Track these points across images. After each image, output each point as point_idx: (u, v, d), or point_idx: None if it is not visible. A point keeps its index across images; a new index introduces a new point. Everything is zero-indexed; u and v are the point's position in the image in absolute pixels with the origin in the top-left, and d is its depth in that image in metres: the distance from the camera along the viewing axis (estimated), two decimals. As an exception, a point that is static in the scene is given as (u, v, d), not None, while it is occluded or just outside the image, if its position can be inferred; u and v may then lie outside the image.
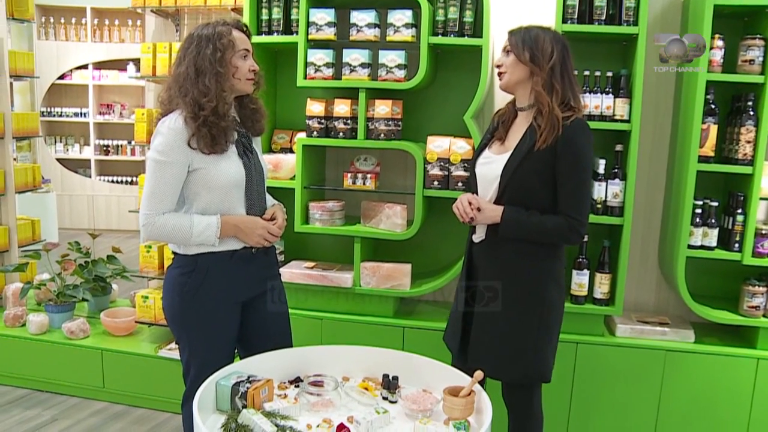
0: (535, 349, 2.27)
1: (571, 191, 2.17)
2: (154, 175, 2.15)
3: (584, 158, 2.17)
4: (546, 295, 2.27)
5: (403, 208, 3.12)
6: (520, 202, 2.20)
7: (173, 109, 2.18)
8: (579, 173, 2.17)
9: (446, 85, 3.34)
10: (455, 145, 3.02)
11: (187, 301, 2.25)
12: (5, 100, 4.00)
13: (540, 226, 2.19)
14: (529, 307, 2.26)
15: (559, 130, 2.12)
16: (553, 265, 2.29)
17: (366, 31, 3.02)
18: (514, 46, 2.21)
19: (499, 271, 2.30)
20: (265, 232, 2.27)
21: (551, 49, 2.17)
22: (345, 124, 3.09)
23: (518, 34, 2.23)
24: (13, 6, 4.14)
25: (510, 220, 2.20)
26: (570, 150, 2.13)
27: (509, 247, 2.25)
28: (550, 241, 2.25)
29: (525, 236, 2.21)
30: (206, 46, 2.15)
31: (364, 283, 3.19)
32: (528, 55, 2.18)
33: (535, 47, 2.17)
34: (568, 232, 2.19)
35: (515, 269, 2.27)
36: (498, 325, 2.29)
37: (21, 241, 4.18)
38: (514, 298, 2.26)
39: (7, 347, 3.70)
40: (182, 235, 2.18)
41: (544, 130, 2.13)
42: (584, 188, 2.20)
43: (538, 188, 2.19)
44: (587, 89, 2.90)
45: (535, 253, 2.25)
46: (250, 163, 2.28)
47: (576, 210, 2.18)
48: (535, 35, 2.19)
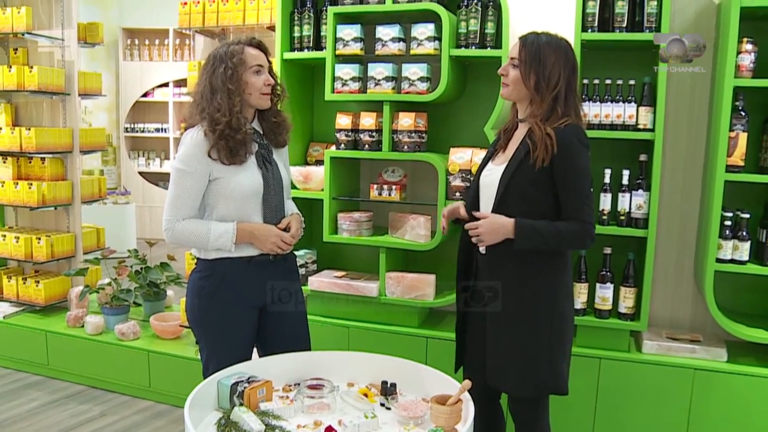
0: (549, 360, 2.22)
1: (573, 195, 2.13)
2: (177, 183, 2.29)
3: (581, 161, 2.12)
4: (556, 304, 2.22)
5: (427, 219, 3.14)
6: (520, 212, 2.16)
7: (195, 123, 2.32)
8: (578, 177, 2.12)
9: (475, 96, 3.34)
10: (477, 156, 3.02)
11: (205, 304, 2.36)
12: (75, 117, 4.31)
13: (555, 232, 2.12)
14: (540, 316, 2.21)
15: (554, 147, 2.08)
16: (561, 273, 2.25)
17: (391, 45, 3.08)
18: (522, 64, 2.15)
19: (504, 282, 2.25)
20: (278, 240, 2.35)
21: (558, 77, 2.12)
22: (370, 136, 3.16)
23: (529, 48, 2.15)
24: (86, 31, 4.47)
25: (524, 231, 2.13)
26: (564, 155, 2.09)
27: (517, 258, 2.20)
28: (566, 247, 2.20)
29: (542, 245, 2.14)
30: (219, 65, 2.27)
31: (389, 293, 3.23)
32: (533, 82, 2.13)
33: (541, 74, 2.11)
34: (583, 236, 2.14)
35: (524, 279, 2.22)
36: (508, 337, 2.24)
37: (86, 248, 4.46)
38: (525, 308, 2.21)
39: (68, 346, 3.96)
40: (200, 240, 2.29)
41: (539, 151, 2.09)
42: (585, 191, 2.15)
43: (537, 196, 2.15)
44: (609, 98, 2.84)
45: (542, 263, 2.20)
46: (269, 174, 2.37)
47: (583, 213, 2.13)
48: (545, 58, 2.12)
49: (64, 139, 4.25)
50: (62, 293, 4.34)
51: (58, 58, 4.28)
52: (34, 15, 4.18)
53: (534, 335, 2.21)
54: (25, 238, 4.18)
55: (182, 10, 3.76)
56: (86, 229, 4.51)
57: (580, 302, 2.96)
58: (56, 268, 4.45)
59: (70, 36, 4.22)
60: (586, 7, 2.81)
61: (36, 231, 4.41)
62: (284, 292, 2.49)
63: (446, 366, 2.29)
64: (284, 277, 2.48)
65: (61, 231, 4.41)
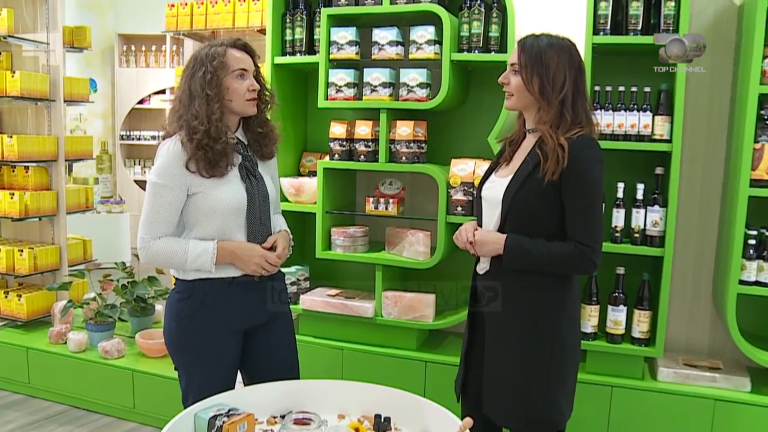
0: (545, 392, 2.04)
1: (578, 214, 1.95)
2: (152, 199, 2.13)
3: (592, 177, 1.95)
4: (557, 330, 2.04)
5: (426, 234, 2.96)
6: (525, 229, 2.00)
7: (174, 132, 2.16)
8: (587, 194, 1.95)
9: (478, 104, 3.18)
10: (480, 168, 2.85)
11: (183, 327, 2.20)
12: (60, 124, 4.15)
13: (547, 254, 1.97)
14: (538, 344, 2.04)
15: (565, 160, 1.91)
16: (564, 297, 2.06)
17: (388, 49, 2.91)
18: (523, 69, 2.00)
19: (504, 305, 2.09)
20: (262, 261, 2.18)
21: (563, 78, 1.96)
22: (366, 146, 2.99)
23: (529, 51, 2.00)
24: (73, 35, 4.31)
25: (513, 249, 2.00)
26: (575, 168, 1.92)
27: (515, 279, 2.05)
28: (560, 271, 2.02)
29: (531, 266, 2.00)
30: (199, 69, 2.12)
31: (386, 314, 3.06)
32: (537, 86, 1.97)
33: (545, 77, 1.96)
34: (579, 260, 1.96)
35: (522, 303, 2.06)
36: (504, 366, 2.09)
37: (72, 261, 4.29)
38: (522, 334, 2.05)
39: (50, 363, 3.78)
40: (178, 260, 2.13)
41: (550, 163, 1.92)
42: (593, 210, 1.97)
43: (542, 213, 1.99)
44: (622, 106, 2.66)
45: (543, 285, 2.03)
46: (253, 188, 2.20)
47: (586, 235, 1.95)
48: (548, 59, 1.96)
49: (49, 147, 4.08)
50: (46, 308, 4.16)
51: (43, 63, 4.11)
52: (17, 18, 4.02)
53: (530, 364, 2.04)
54: (6, 250, 4.01)
55: (169, 13, 3.60)
56: (72, 241, 4.34)
57: (591, 326, 2.79)
58: (41, 282, 4.28)
59: (55, 40, 4.06)
60: (597, 8, 2.65)
61: (19, 243, 4.24)
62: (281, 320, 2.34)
63: (446, 392, 2.12)
64: (271, 298, 2.30)
65: (46, 243, 4.24)
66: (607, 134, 2.68)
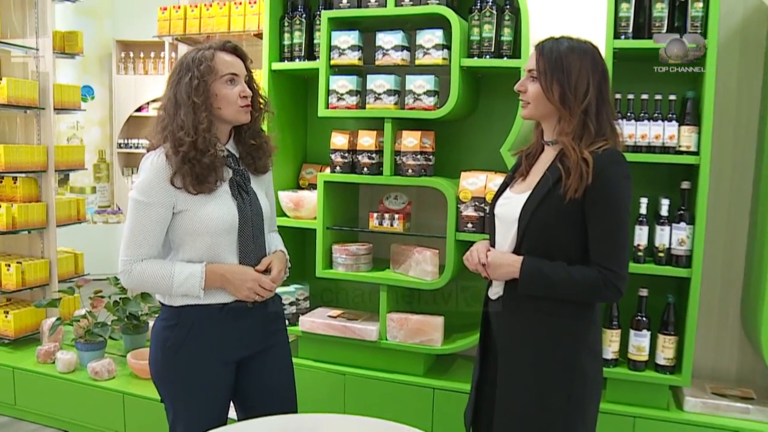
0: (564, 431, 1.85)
1: (603, 236, 1.78)
2: (134, 217, 1.95)
3: (619, 195, 1.77)
4: (577, 364, 1.85)
5: (434, 253, 2.78)
6: (543, 251, 1.83)
7: (158, 144, 1.98)
8: (612, 214, 1.77)
9: (490, 113, 3.00)
10: (492, 182, 2.66)
11: (168, 359, 2.02)
12: (50, 133, 3.98)
13: (567, 279, 1.79)
14: (556, 379, 1.85)
15: (590, 176, 1.73)
16: (587, 328, 1.88)
17: (393, 55, 2.74)
18: (542, 75, 1.83)
19: (519, 335, 1.91)
20: (255, 285, 2.00)
21: (586, 85, 1.79)
22: (370, 158, 2.81)
23: (548, 56, 1.83)
24: (64, 41, 4.15)
25: (530, 273, 1.82)
26: (600, 185, 1.74)
27: (531, 306, 1.87)
28: (581, 298, 1.84)
29: (549, 293, 1.82)
30: (185, 74, 1.95)
31: (391, 337, 2.87)
32: (557, 94, 1.80)
33: (566, 84, 1.79)
34: (602, 287, 1.78)
35: (539, 333, 1.87)
36: (519, 401, 1.90)
37: (63, 275, 4.13)
38: (538, 369, 1.87)
39: (37, 384, 3.60)
40: (163, 285, 1.96)
41: (573, 179, 1.75)
42: (620, 232, 1.80)
43: (562, 233, 1.81)
44: (645, 115, 2.48)
45: (562, 313, 1.85)
46: (245, 205, 2.02)
47: (611, 259, 1.78)
48: (569, 65, 1.80)
49: (38, 157, 3.91)
50: (34, 325, 3.99)
51: (32, 69, 3.95)
52: (5, 22, 3.88)
53: (548, 401, 1.85)
54: (-7, 265, 3.84)
55: (161, 17, 3.43)
56: (63, 255, 4.17)
57: (612, 351, 2.60)
58: (30, 297, 4.11)
59: (44, 45, 3.90)
60: (619, 10, 2.47)
61: (7, 257, 4.07)
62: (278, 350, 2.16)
63: (455, 422, 1.97)
64: (268, 325, 2.12)
65: (35, 256, 4.07)
66: (630, 146, 2.51)
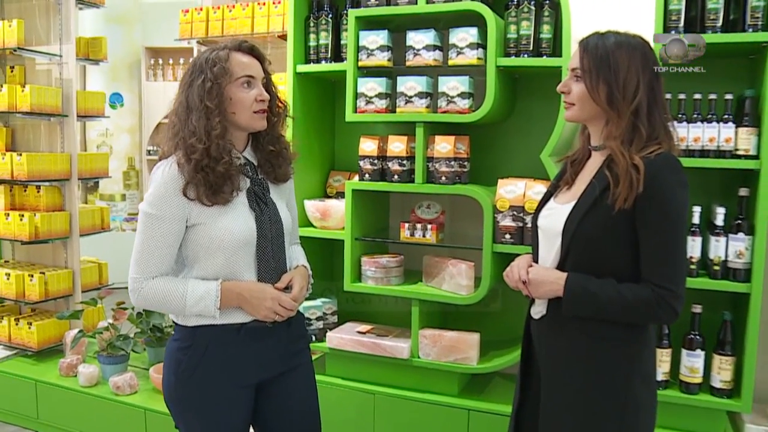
0: None
1: (657, 250, 1.62)
2: (145, 232, 1.83)
3: (674, 205, 1.61)
4: (630, 392, 1.68)
5: (469, 266, 2.62)
6: (590, 267, 1.67)
7: (170, 153, 1.86)
8: (667, 226, 1.61)
9: (529, 116, 2.86)
10: (531, 189, 2.50)
11: (182, 383, 1.89)
12: (74, 140, 3.91)
13: (617, 299, 1.63)
14: (606, 407, 1.69)
15: (641, 184, 1.57)
16: (639, 352, 1.71)
17: (424, 55, 2.61)
18: (587, 74, 1.67)
19: (564, 358, 1.74)
20: (275, 305, 1.85)
21: (636, 84, 1.64)
22: (400, 164, 2.67)
23: (593, 53, 1.68)
24: (89, 47, 4.09)
25: (575, 291, 1.66)
26: (653, 194, 1.58)
27: (577, 327, 1.71)
28: (631, 320, 1.67)
29: (597, 313, 1.66)
30: (198, 77, 1.83)
31: (423, 355, 2.72)
32: (604, 94, 1.65)
33: (614, 82, 1.64)
34: (656, 308, 1.61)
35: (586, 356, 1.71)
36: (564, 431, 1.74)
37: (86, 286, 4.05)
38: (586, 396, 1.70)
39: (59, 398, 3.53)
40: (175, 305, 1.83)
41: (622, 187, 1.60)
42: (675, 246, 1.63)
43: (611, 247, 1.66)
44: (698, 116, 2.31)
45: (612, 335, 1.69)
46: (264, 217, 1.88)
47: (666, 276, 1.61)
48: (616, 62, 1.64)
49: (61, 165, 3.84)
50: (58, 336, 3.91)
51: (56, 76, 3.88)
52: (31, 29, 3.82)
53: (597, 430, 1.70)
54: (16, 275, 3.77)
55: (183, 19, 3.32)
56: (87, 265, 4.10)
57: (662, 372, 2.43)
58: (54, 308, 4.03)
59: (68, 52, 3.83)
60: (668, 2, 2.30)
61: (32, 266, 4.01)
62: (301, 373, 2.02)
63: None
64: (289, 345, 1.98)
65: (59, 266, 4.00)
66: (681, 150, 2.32)
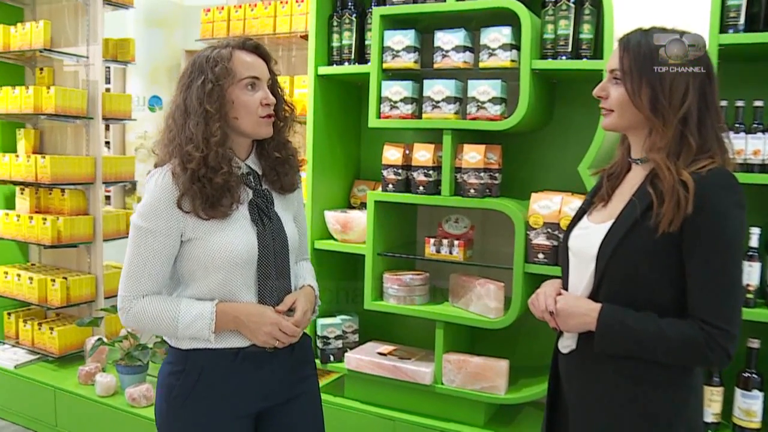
0: None
1: (707, 282, 1.40)
2: (135, 247, 1.69)
3: (728, 229, 1.40)
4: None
5: (499, 286, 2.45)
6: (627, 297, 1.47)
7: (166, 160, 1.72)
8: (720, 253, 1.40)
9: (566, 124, 2.69)
10: (568, 205, 2.31)
11: (174, 410, 1.74)
12: (99, 143, 3.89)
13: (658, 336, 1.42)
14: None
15: (690, 204, 1.36)
16: (685, 399, 1.49)
17: (453, 56, 2.47)
18: (627, 75, 1.48)
19: (595, 401, 1.54)
20: (275, 330, 1.69)
21: (684, 88, 1.44)
22: (426, 175, 2.52)
23: (635, 52, 1.49)
24: (117, 48, 4.05)
25: (609, 325, 1.46)
26: (704, 216, 1.38)
27: (611, 367, 1.50)
28: (675, 361, 1.46)
29: (634, 352, 1.46)
30: (197, 77, 1.68)
31: (447, 381, 2.57)
32: (647, 99, 1.45)
33: (659, 86, 1.44)
34: (704, 349, 1.39)
35: (621, 401, 1.50)
36: None
37: (110, 291, 3.99)
38: None
39: (77, 406, 3.48)
40: (166, 326, 1.69)
41: (667, 207, 1.40)
42: (729, 277, 1.42)
43: (653, 275, 1.45)
44: (759, 126, 2.11)
45: (652, 377, 1.48)
46: (266, 232, 1.73)
47: (717, 312, 1.39)
48: (661, 63, 1.45)
49: (85, 168, 3.80)
50: (79, 342, 3.87)
51: (83, 78, 3.84)
52: (60, 31, 3.81)
53: None
54: (39, 280, 3.75)
55: (204, 19, 3.24)
56: (111, 270, 4.05)
57: (712, 414, 2.22)
58: (78, 314, 4.00)
59: (95, 53, 3.79)
60: (726, -3, 2.11)
61: (55, 270, 3.99)
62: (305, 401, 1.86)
63: None
64: (293, 371, 1.81)
65: (83, 271, 3.96)
66: (738, 164, 2.12)
